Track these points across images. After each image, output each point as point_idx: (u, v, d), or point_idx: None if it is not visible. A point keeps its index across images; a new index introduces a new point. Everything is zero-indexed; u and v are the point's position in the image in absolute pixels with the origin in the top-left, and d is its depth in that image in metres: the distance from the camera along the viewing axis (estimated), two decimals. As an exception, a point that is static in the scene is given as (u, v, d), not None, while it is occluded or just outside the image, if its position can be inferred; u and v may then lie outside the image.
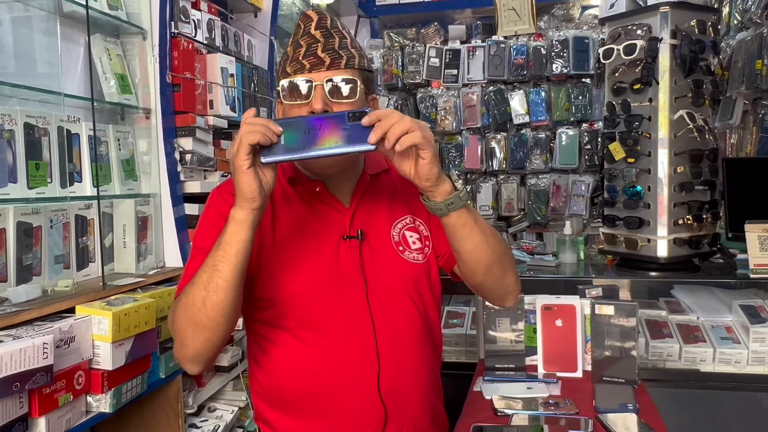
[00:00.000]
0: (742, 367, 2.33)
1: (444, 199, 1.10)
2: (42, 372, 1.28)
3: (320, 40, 1.19)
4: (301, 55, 1.18)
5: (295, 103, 1.16)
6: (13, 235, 1.51)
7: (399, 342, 1.26)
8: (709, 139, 2.34)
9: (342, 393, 1.22)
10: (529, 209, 3.88)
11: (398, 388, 1.25)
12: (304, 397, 1.23)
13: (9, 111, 1.55)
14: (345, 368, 1.22)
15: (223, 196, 1.24)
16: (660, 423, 1.54)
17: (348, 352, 1.22)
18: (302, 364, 1.23)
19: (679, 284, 2.64)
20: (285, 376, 1.24)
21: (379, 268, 1.25)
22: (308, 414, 1.24)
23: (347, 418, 1.23)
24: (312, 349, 1.22)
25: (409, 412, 1.28)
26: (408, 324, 1.28)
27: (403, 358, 1.27)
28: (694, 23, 2.27)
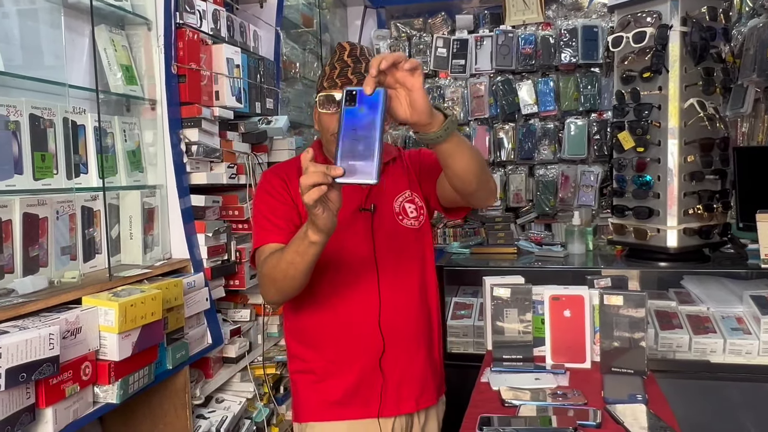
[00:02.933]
0: (753, 357, 2.31)
1: (440, 126, 1.27)
2: (48, 363, 1.28)
3: (350, 65, 1.55)
4: (336, 75, 1.55)
5: (328, 111, 1.54)
6: (20, 227, 1.51)
7: (397, 288, 1.63)
8: (719, 128, 2.31)
9: (349, 326, 1.61)
10: (538, 200, 3.85)
11: (395, 326, 1.62)
12: (321, 333, 1.63)
13: (14, 102, 1.54)
14: (353, 308, 1.61)
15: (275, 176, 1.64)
16: (669, 413, 1.52)
17: (356, 296, 1.60)
18: (320, 306, 1.62)
19: (689, 275, 2.62)
20: (307, 317, 1.64)
21: (384, 233, 1.62)
22: (325, 345, 1.63)
23: (355, 348, 1.62)
24: (331, 292, 1.60)
25: (403, 345, 1.65)
26: (405, 276, 1.66)
27: (401, 301, 1.64)
28: (705, 10, 2.24)
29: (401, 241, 1.65)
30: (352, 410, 1.64)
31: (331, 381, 1.65)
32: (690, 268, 2.49)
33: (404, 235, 1.66)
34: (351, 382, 1.63)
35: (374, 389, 1.64)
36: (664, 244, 2.35)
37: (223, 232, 2.22)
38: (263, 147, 2.54)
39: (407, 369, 1.67)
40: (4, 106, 1.51)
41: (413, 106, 1.21)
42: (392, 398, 1.65)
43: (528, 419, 1.46)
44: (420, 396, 1.70)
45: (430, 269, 1.75)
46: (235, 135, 2.38)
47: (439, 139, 1.29)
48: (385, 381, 1.64)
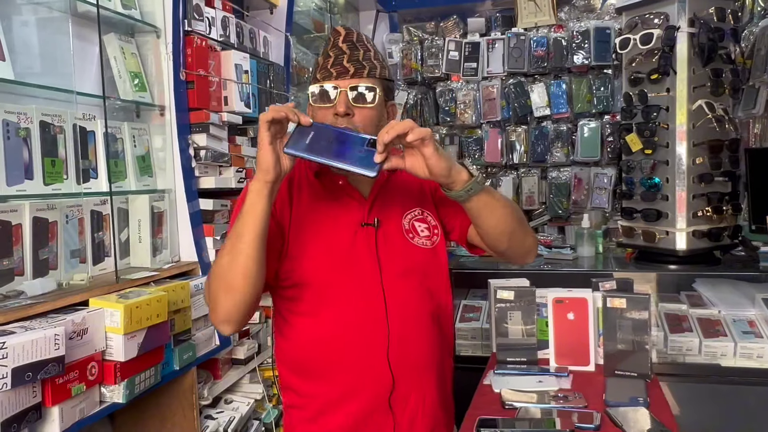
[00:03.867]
0: (765, 361, 2.28)
1: (463, 187, 1.25)
2: (54, 362, 1.32)
3: (346, 52, 1.37)
4: (330, 65, 1.36)
5: (322, 106, 1.34)
6: (30, 230, 1.55)
7: (408, 318, 1.43)
8: (729, 129, 2.29)
9: (355, 361, 1.40)
10: (551, 203, 3.84)
11: (406, 359, 1.42)
12: (321, 364, 1.42)
13: (25, 109, 1.59)
14: (358, 339, 1.39)
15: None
16: (670, 417, 1.52)
17: (361, 325, 1.40)
18: (320, 336, 1.40)
19: (701, 278, 2.59)
20: (305, 346, 1.42)
21: (391, 252, 1.42)
22: (325, 379, 1.42)
23: (359, 383, 1.41)
24: (329, 322, 1.40)
25: (415, 381, 1.45)
26: (416, 302, 1.45)
27: (411, 332, 1.44)
28: (713, 11, 2.23)
29: (411, 261, 1.45)
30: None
31: (331, 421, 1.44)
32: (700, 270, 2.46)
33: (414, 254, 1.45)
34: (356, 423, 1.43)
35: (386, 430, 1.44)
36: (673, 247, 2.33)
37: (232, 236, 2.25)
38: (273, 151, 2.56)
39: (419, 408, 1.47)
40: (15, 114, 1.56)
41: (430, 170, 1.22)
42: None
43: (527, 421, 1.46)
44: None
45: (445, 296, 1.55)
46: (244, 139, 2.42)
47: (461, 199, 1.28)
48: (396, 422, 1.44)
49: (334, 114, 1.31)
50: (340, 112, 1.31)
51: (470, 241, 1.53)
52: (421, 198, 1.51)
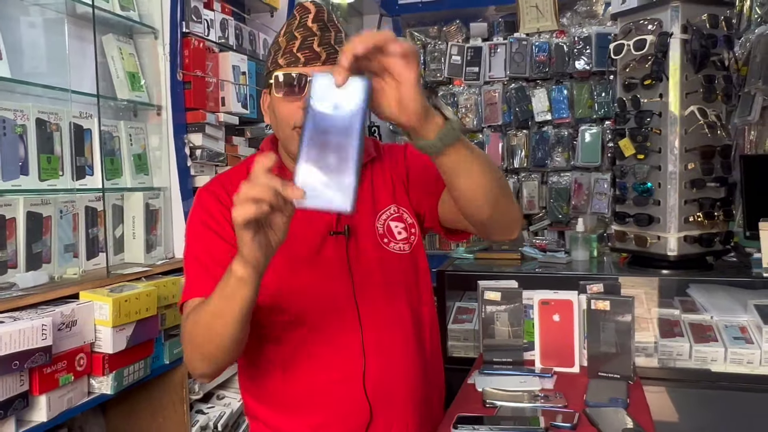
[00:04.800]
0: (755, 367, 2.28)
1: (436, 134, 0.92)
2: (41, 352, 1.35)
3: (317, 33, 1.15)
4: (296, 48, 1.14)
5: (287, 98, 1.13)
6: (23, 224, 1.60)
7: (386, 340, 1.25)
8: (721, 135, 2.30)
9: (328, 391, 1.22)
10: (551, 207, 3.86)
11: (384, 387, 1.24)
12: (290, 398, 1.24)
13: (21, 107, 1.64)
14: (331, 367, 1.22)
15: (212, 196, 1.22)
16: (648, 418, 1.53)
17: (334, 351, 1.22)
18: (287, 366, 1.23)
19: (695, 283, 2.60)
20: (271, 377, 1.25)
21: (365, 264, 1.23)
22: (295, 410, 1.24)
23: (333, 416, 1.23)
24: (296, 350, 1.22)
25: (396, 411, 1.27)
26: (396, 321, 1.27)
27: (390, 357, 1.25)
28: (706, 17, 2.24)
29: (388, 273, 1.26)
30: None
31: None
32: (692, 276, 2.46)
33: (391, 264, 1.26)
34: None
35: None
36: (664, 252, 2.34)
37: (227, 234, 2.29)
38: (270, 152, 2.61)
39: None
40: (11, 111, 1.61)
41: (402, 103, 0.87)
42: None
43: (504, 419, 1.48)
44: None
45: (426, 305, 1.37)
46: (242, 140, 2.46)
47: (434, 149, 0.94)
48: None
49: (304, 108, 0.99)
50: None
51: (443, 221, 1.30)
52: (394, 191, 1.30)
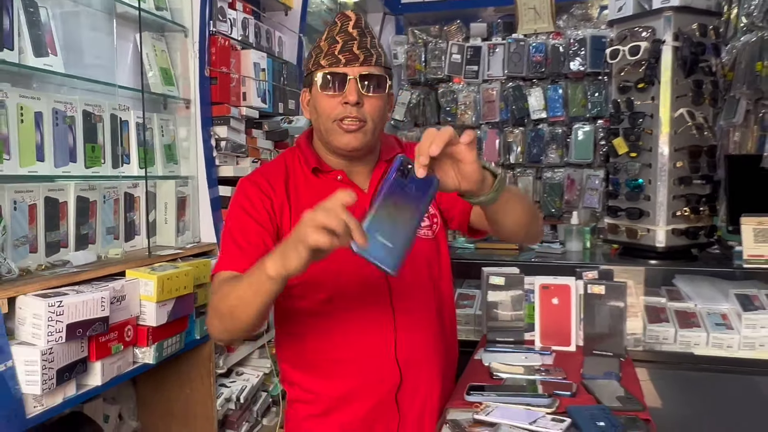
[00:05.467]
0: (734, 351, 2.46)
1: (491, 189, 1.12)
2: (99, 322, 1.50)
3: (356, 38, 1.31)
4: (338, 50, 1.30)
5: (329, 93, 1.29)
6: (73, 208, 1.74)
7: (414, 312, 1.42)
8: (708, 136, 2.48)
9: (362, 359, 1.38)
10: (544, 201, 4.03)
11: (413, 354, 1.42)
12: (328, 363, 1.40)
13: (70, 100, 1.77)
14: (365, 337, 1.38)
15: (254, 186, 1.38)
16: (639, 389, 1.71)
17: (368, 323, 1.38)
18: (325, 334, 1.39)
19: (681, 273, 2.78)
20: (310, 345, 1.41)
21: None
22: (333, 377, 1.41)
23: (368, 380, 1.40)
24: (336, 319, 1.37)
25: (423, 376, 1.45)
26: (421, 296, 1.44)
27: (418, 326, 1.43)
28: (696, 27, 2.41)
29: (414, 254, 1.27)
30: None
31: (338, 416, 1.43)
32: (678, 266, 2.64)
33: (418, 246, 1.29)
34: (364, 420, 1.43)
35: (390, 427, 1.44)
36: (653, 243, 2.52)
37: (247, 221, 2.44)
38: (284, 144, 2.76)
39: (427, 403, 1.47)
40: (62, 103, 1.75)
41: (464, 176, 1.06)
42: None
43: (510, 387, 1.65)
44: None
45: (447, 285, 1.55)
46: (260, 132, 2.61)
47: (490, 202, 1.14)
48: (401, 418, 1.43)
49: (344, 103, 1.28)
50: (351, 101, 1.27)
51: (472, 226, 1.49)
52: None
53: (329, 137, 1.34)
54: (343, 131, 1.31)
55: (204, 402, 2.12)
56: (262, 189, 1.37)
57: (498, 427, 1.37)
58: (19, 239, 1.56)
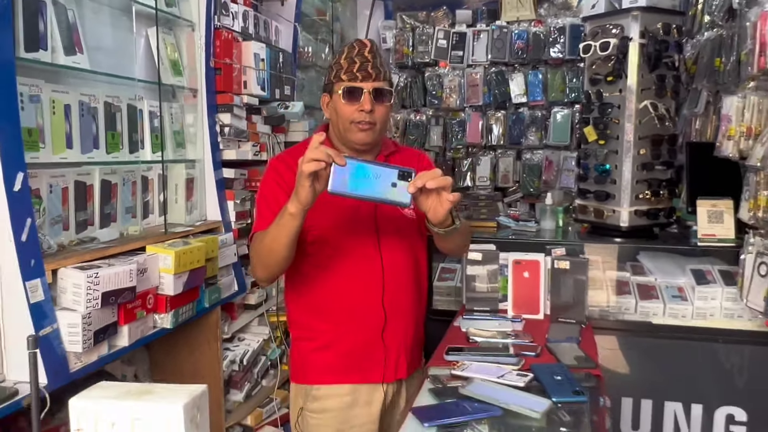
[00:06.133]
0: (688, 320, 2.73)
1: (444, 229, 1.59)
2: (128, 291, 1.73)
3: (370, 60, 1.70)
4: (356, 69, 1.68)
5: (349, 103, 1.68)
6: (98, 190, 1.95)
7: (398, 271, 1.82)
8: (669, 126, 2.72)
9: (355, 301, 1.78)
10: (524, 181, 4.26)
11: (395, 303, 1.82)
12: (326, 303, 1.79)
13: (94, 92, 1.97)
14: (359, 285, 1.78)
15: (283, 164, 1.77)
16: (594, 351, 1.98)
17: (362, 275, 1.77)
18: (327, 280, 1.78)
19: (644, 251, 3.04)
20: (318, 292, 1.79)
21: (386, 219, 1.79)
22: (330, 316, 1.80)
23: (358, 320, 1.79)
24: (335, 269, 1.76)
25: (401, 319, 1.84)
26: (404, 260, 1.84)
27: (400, 282, 1.83)
28: (660, 25, 2.64)
29: (401, 227, 1.80)
30: (354, 376, 1.81)
31: (335, 349, 1.80)
32: (641, 243, 2.91)
33: (403, 222, 1.80)
34: (354, 351, 1.79)
35: (377, 358, 1.81)
36: (618, 223, 2.77)
37: (248, 201, 2.66)
38: (281, 129, 2.96)
39: (403, 341, 1.85)
40: (87, 95, 1.94)
41: (435, 212, 1.50)
42: (392, 366, 1.83)
43: (484, 349, 1.91)
44: (410, 364, 1.89)
45: (422, 255, 1.92)
46: (259, 118, 2.81)
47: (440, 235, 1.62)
48: (386, 351, 1.81)
49: (360, 110, 1.67)
50: (366, 108, 1.66)
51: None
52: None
53: (346, 134, 1.74)
54: (357, 130, 1.71)
55: (211, 364, 2.36)
56: (289, 166, 1.73)
57: (471, 380, 1.62)
58: (54, 218, 1.77)
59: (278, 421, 2.73)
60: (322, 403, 1.83)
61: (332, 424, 1.82)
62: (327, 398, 1.82)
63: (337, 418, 1.82)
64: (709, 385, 2.66)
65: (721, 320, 2.68)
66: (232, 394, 2.54)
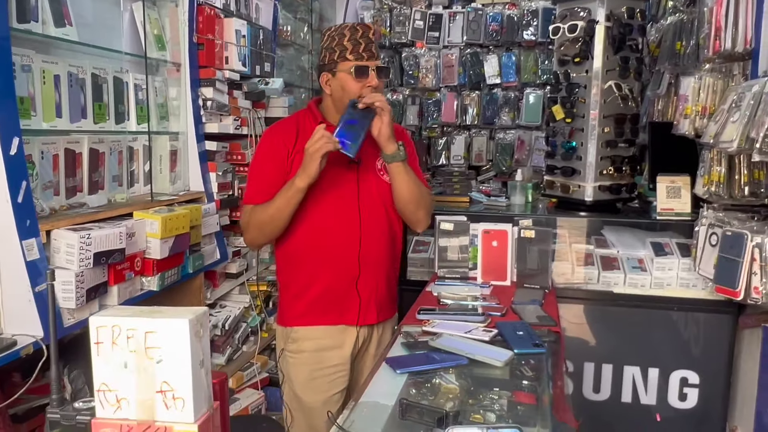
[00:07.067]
0: (647, 290, 2.90)
1: (391, 153, 1.94)
2: (118, 253, 1.83)
3: (373, 41, 1.95)
4: (362, 49, 1.92)
5: (358, 80, 1.91)
6: (87, 158, 2.03)
7: (373, 228, 2.04)
8: (632, 106, 2.87)
9: (334, 254, 2.01)
10: (497, 160, 4.41)
11: (369, 257, 2.04)
12: (309, 255, 2.01)
13: (81, 63, 2.04)
14: (338, 240, 2.00)
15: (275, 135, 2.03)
16: (555, 312, 2.12)
17: (341, 230, 1.99)
18: (311, 234, 1.99)
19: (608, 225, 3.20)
20: (298, 241, 2.01)
21: (366, 181, 2.03)
22: (312, 266, 2.02)
23: (336, 271, 2.01)
24: (319, 225, 1.98)
25: (373, 272, 2.06)
26: (380, 218, 2.06)
27: (375, 239, 2.04)
28: (625, 9, 2.77)
29: (379, 190, 2.03)
30: (329, 317, 2.03)
31: (311, 294, 2.02)
32: (604, 217, 3.06)
33: (381, 186, 2.04)
34: (329, 297, 2.02)
35: (352, 305, 2.03)
36: (583, 198, 2.92)
37: (229, 173, 2.75)
38: (262, 104, 3.05)
39: (374, 291, 2.06)
40: (75, 67, 2.02)
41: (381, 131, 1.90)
42: (364, 310, 2.05)
43: (454, 309, 2.04)
44: (380, 312, 2.10)
45: (396, 218, 2.12)
46: (240, 93, 2.89)
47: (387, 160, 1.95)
48: (360, 300, 2.04)
49: (368, 86, 1.91)
50: (374, 84, 1.92)
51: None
52: None
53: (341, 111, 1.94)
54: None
55: (194, 328, 2.45)
56: (283, 139, 2.00)
57: (440, 335, 1.76)
58: (45, 184, 1.86)
59: (258, 384, 2.85)
60: (299, 345, 2.05)
61: (308, 363, 2.04)
62: (303, 340, 2.04)
63: (311, 358, 2.03)
64: (665, 350, 2.83)
65: (677, 290, 2.85)
66: (214, 358, 2.64)
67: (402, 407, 1.28)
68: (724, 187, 2.36)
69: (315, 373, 2.04)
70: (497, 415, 1.34)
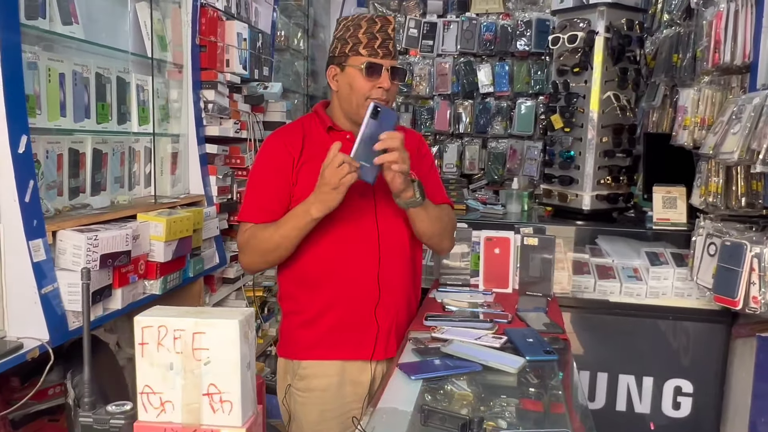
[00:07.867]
0: (642, 299, 2.93)
1: (405, 201, 1.69)
2: (123, 255, 1.79)
3: (392, 38, 1.71)
4: (377, 45, 1.67)
5: (369, 78, 1.67)
6: (90, 158, 2.00)
7: (394, 248, 1.82)
8: (629, 116, 2.91)
9: (350, 277, 1.77)
10: (489, 169, 4.43)
11: (390, 281, 1.82)
12: (322, 278, 1.77)
13: (86, 62, 2.01)
14: (355, 261, 1.77)
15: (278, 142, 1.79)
16: (560, 319, 2.13)
17: (358, 252, 1.77)
18: (324, 256, 1.76)
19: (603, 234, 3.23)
20: (309, 263, 1.77)
21: (385, 197, 1.75)
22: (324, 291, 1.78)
23: (352, 295, 1.78)
24: (335, 246, 1.75)
25: (395, 297, 1.85)
26: (400, 238, 1.84)
27: (396, 260, 1.83)
28: (624, 21, 2.81)
29: (398, 208, 1.74)
30: (343, 351, 1.78)
31: (323, 323, 1.77)
32: (600, 226, 3.09)
33: (399, 210, 1.75)
34: (344, 326, 1.77)
35: (369, 334, 1.79)
36: (580, 207, 2.95)
37: (229, 176, 2.73)
38: (260, 108, 3.03)
39: (395, 319, 1.84)
40: (80, 66, 1.98)
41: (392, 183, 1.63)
42: (382, 344, 1.81)
43: (459, 316, 2.04)
44: (400, 343, 1.83)
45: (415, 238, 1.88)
46: (240, 97, 2.87)
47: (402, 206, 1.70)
48: (379, 328, 1.80)
49: (378, 87, 1.67)
50: (385, 86, 1.67)
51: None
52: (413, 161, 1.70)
53: (359, 109, 1.70)
54: None
55: (193, 333, 2.42)
56: (287, 148, 1.77)
57: (451, 341, 1.75)
58: (49, 184, 1.82)
59: (254, 391, 2.80)
60: (307, 383, 1.80)
61: (318, 404, 1.80)
62: (313, 377, 1.80)
63: (322, 398, 1.79)
64: (659, 359, 2.86)
65: (672, 299, 2.88)
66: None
67: (424, 413, 1.27)
68: (722, 197, 2.39)
69: (327, 414, 1.80)
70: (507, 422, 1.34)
